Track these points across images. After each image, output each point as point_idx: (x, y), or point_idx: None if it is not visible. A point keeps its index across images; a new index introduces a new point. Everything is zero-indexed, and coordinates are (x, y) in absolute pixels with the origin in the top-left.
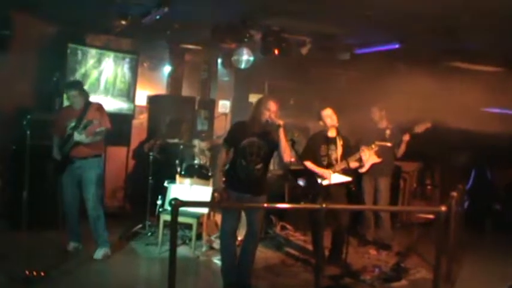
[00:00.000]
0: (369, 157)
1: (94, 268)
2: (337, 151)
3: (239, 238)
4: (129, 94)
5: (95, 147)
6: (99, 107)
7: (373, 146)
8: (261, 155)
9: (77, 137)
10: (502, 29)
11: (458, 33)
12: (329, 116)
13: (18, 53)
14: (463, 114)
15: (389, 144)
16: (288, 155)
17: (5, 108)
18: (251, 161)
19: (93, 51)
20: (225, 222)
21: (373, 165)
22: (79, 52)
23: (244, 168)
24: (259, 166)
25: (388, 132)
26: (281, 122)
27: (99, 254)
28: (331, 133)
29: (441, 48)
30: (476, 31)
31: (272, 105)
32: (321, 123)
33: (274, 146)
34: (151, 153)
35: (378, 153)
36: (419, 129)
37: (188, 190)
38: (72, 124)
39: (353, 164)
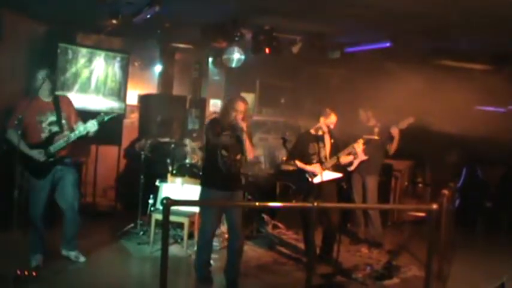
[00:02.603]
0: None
1: (85, 268)
2: (326, 148)
3: (226, 236)
4: (120, 93)
5: (72, 147)
6: (70, 101)
7: (360, 140)
8: (238, 146)
9: (92, 127)
10: (492, 26)
11: (449, 31)
12: (330, 123)
13: (8, 52)
14: (453, 112)
15: (376, 137)
16: (251, 154)
17: None
18: (232, 150)
19: (83, 51)
20: (208, 223)
21: (360, 163)
22: (69, 51)
23: (226, 158)
24: (238, 156)
25: (376, 130)
26: (244, 126)
27: (79, 256)
28: (320, 131)
29: (431, 46)
30: (466, 29)
31: (240, 106)
32: (318, 122)
33: (241, 141)
34: (142, 153)
35: (365, 151)
36: (403, 124)
37: (180, 189)
38: (52, 119)
39: (343, 160)
